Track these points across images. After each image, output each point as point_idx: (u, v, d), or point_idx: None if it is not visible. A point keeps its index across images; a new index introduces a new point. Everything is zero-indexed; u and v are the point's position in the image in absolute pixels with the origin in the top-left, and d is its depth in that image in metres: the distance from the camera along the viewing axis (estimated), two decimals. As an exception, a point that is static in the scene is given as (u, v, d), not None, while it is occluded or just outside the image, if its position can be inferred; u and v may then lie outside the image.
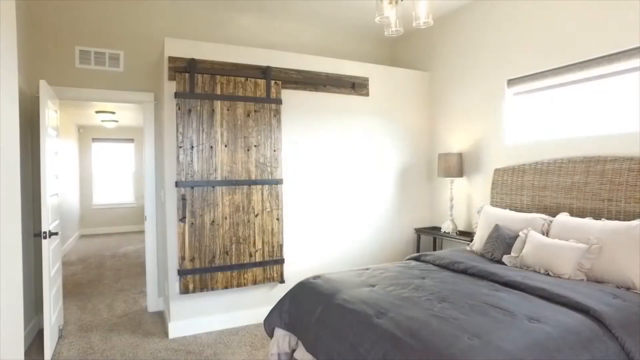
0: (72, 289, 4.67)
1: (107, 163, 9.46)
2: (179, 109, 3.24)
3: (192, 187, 3.27)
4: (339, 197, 4.04)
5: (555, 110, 3.36)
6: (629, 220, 2.57)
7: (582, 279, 2.42)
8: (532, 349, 1.60)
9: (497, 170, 3.66)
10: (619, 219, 2.68)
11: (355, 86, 4.07)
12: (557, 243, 2.58)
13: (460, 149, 4.19)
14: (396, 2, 2.50)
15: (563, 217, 2.83)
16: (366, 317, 1.95)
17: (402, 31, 2.60)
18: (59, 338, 3.27)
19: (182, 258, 3.24)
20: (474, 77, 4.01)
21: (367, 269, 2.80)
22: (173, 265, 3.32)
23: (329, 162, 3.99)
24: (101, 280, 5.09)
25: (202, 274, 3.30)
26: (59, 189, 3.61)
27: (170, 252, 3.32)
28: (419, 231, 4.33)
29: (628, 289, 2.26)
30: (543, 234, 2.84)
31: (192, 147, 3.28)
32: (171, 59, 3.28)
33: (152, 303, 3.95)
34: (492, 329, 1.73)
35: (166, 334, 3.36)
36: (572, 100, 3.24)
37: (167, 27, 3.98)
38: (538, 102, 3.49)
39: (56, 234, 3.09)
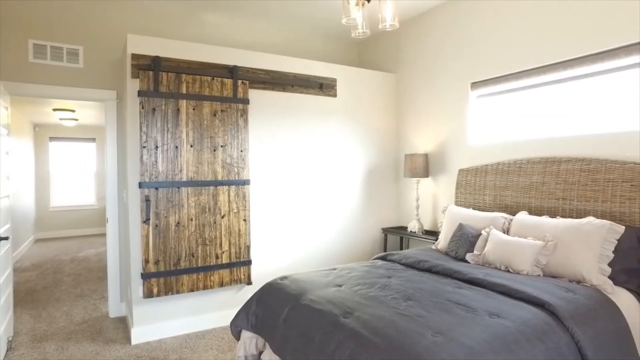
0: (25, 297, 4.43)
1: (66, 163, 9.05)
2: (142, 108, 3.14)
3: (157, 188, 3.19)
4: (307, 197, 4.04)
5: (515, 113, 3.49)
6: (581, 218, 2.70)
7: (539, 274, 2.52)
8: (492, 343, 1.66)
9: (461, 171, 3.77)
10: (572, 217, 2.82)
11: (323, 87, 4.09)
12: (516, 241, 2.68)
13: (426, 150, 4.28)
14: (363, 5, 2.53)
15: (522, 216, 2.94)
16: (333, 317, 1.96)
17: (369, 33, 2.63)
18: (7, 350, 3.06)
19: (146, 261, 3.14)
20: (439, 80, 4.11)
21: (335, 269, 2.81)
22: (136, 268, 3.22)
23: (297, 162, 3.98)
24: (58, 287, 4.86)
25: (167, 277, 3.22)
26: (10, 191, 3.42)
27: (134, 255, 3.22)
28: (386, 231, 4.40)
29: (579, 282, 2.38)
30: (504, 232, 2.95)
31: (157, 147, 3.20)
32: (134, 56, 3.18)
33: (114, 308, 3.81)
34: (455, 325, 1.78)
35: (129, 340, 3.25)
36: (530, 104, 3.38)
37: (131, 23, 3.86)
38: (500, 104, 3.62)
39: (6, 238, 2.93)
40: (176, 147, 3.28)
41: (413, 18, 4.39)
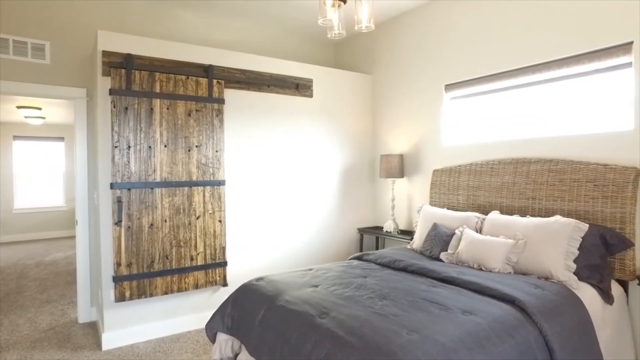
0: (-15, 304, 4.23)
1: (33, 163, 8.71)
2: (114, 107, 3.06)
3: (129, 189, 3.11)
4: (283, 197, 4.03)
5: (487, 115, 3.58)
6: (549, 216, 2.80)
7: (510, 272, 2.59)
8: (465, 339, 1.69)
9: (435, 171, 3.84)
10: (541, 216, 2.92)
11: (299, 87, 4.09)
12: (488, 239, 2.75)
13: (401, 151, 4.34)
14: (339, 6, 2.54)
15: (494, 215, 3.02)
16: (309, 318, 1.96)
17: (345, 34, 2.65)
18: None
19: (118, 264, 3.06)
20: (414, 81, 4.18)
21: (311, 269, 2.81)
22: (108, 271, 3.13)
23: (273, 162, 3.96)
24: (22, 292, 4.65)
25: (139, 279, 3.15)
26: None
27: (105, 258, 3.13)
28: (362, 231, 4.43)
29: (547, 278, 2.46)
30: (477, 231, 3.02)
31: (129, 147, 3.12)
32: (105, 54, 3.10)
33: (84, 313, 3.69)
34: (429, 323, 1.81)
35: (99, 345, 3.16)
36: (502, 106, 3.47)
37: (101, 19, 3.75)
38: (473, 106, 3.71)
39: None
40: (149, 147, 3.21)
41: (389, 20, 4.44)
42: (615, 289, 2.52)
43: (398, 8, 4.16)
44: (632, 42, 2.64)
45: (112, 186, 3.05)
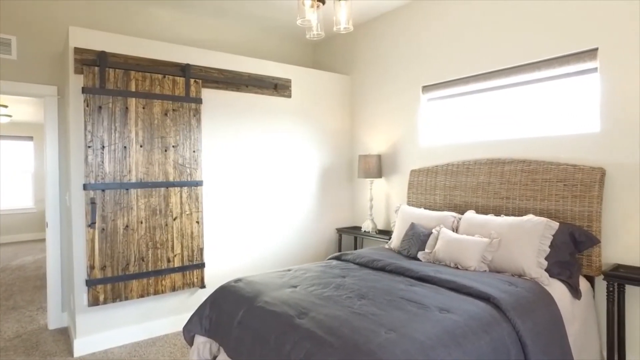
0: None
1: None
2: (87, 106, 2.98)
3: (103, 190, 3.03)
4: (262, 198, 4.01)
5: (463, 116, 3.66)
6: (522, 215, 2.88)
7: (485, 270, 2.66)
8: (442, 337, 1.73)
9: (412, 171, 3.89)
10: (515, 215, 3.00)
11: (278, 87, 4.07)
12: (464, 238, 2.81)
13: (379, 151, 4.39)
14: (318, 6, 2.55)
15: (470, 215, 3.09)
16: (288, 318, 1.95)
17: (324, 35, 2.66)
18: None
19: (91, 267, 2.98)
20: (392, 82, 4.23)
21: (290, 270, 2.81)
22: (80, 275, 3.04)
23: (251, 163, 3.94)
24: (-12, 298, 4.48)
25: (114, 282, 3.07)
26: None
27: (77, 261, 3.04)
28: (341, 231, 4.45)
29: (520, 276, 2.54)
30: (453, 231, 3.08)
31: (103, 146, 3.04)
32: (78, 51, 3.01)
33: (55, 319, 3.56)
34: (407, 322, 1.83)
35: (71, 352, 3.06)
36: (478, 108, 3.55)
37: (73, 14, 3.64)
38: (449, 108, 3.78)
39: None
40: (124, 147, 3.13)
41: (367, 21, 4.48)
42: (583, 284, 2.62)
43: (376, 10, 4.20)
44: (597, 49, 2.75)
45: (85, 187, 2.97)
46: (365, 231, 4.18)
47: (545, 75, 3.04)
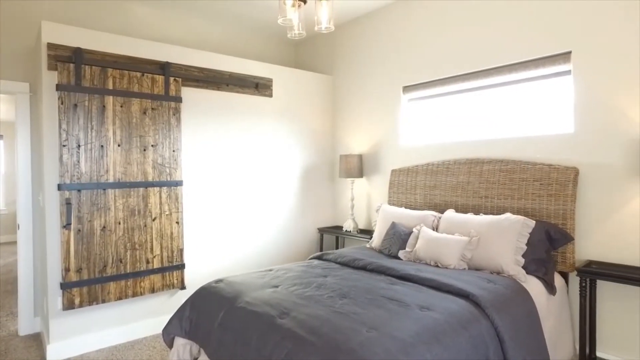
0: None
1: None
2: (62, 104, 2.90)
3: (79, 190, 2.96)
4: (243, 198, 3.98)
5: (443, 116, 3.71)
6: (500, 214, 2.95)
7: (465, 268, 2.70)
8: (422, 334, 1.75)
9: (393, 171, 3.93)
10: (493, 214, 3.06)
11: (259, 87, 4.05)
12: (444, 237, 2.85)
13: (360, 151, 4.41)
14: (299, 6, 2.54)
15: (449, 213, 3.13)
16: (269, 318, 1.94)
17: (305, 34, 2.65)
18: None
19: (67, 269, 2.90)
20: (373, 83, 4.25)
21: (271, 270, 2.80)
22: (55, 278, 2.95)
23: (232, 162, 3.90)
24: (-43, 303, 4.29)
25: (91, 285, 3.00)
26: None
27: (52, 264, 2.95)
28: (322, 230, 4.46)
29: (498, 273, 2.59)
30: (433, 230, 3.12)
31: (79, 145, 2.96)
32: (51, 46, 2.92)
33: (26, 325, 3.42)
34: (388, 320, 1.85)
35: (43, 358, 2.97)
36: (457, 108, 3.61)
37: (46, 9, 3.53)
38: (429, 108, 3.83)
39: None
40: (102, 146, 3.06)
41: (349, 21, 4.49)
42: (558, 280, 2.69)
43: (358, 10, 4.22)
44: (570, 52, 2.83)
45: (60, 187, 2.88)
46: (346, 231, 4.20)
47: (521, 77, 3.11)
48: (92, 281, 3.00)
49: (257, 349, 1.84)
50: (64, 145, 2.90)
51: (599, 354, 2.71)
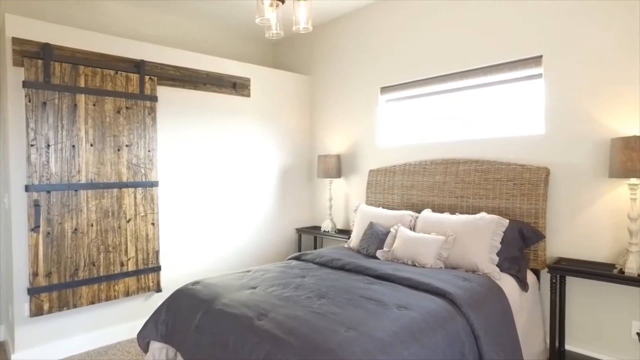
0: None
1: None
2: (29, 101, 2.79)
3: (49, 192, 2.86)
4: (220, 198, 3.93)
5: (420, 117, 3.76)
6: (475, 213, 3.01)
7: (441, 267, 2.74)
8: (400, 333, 1.76)
9: (371, 171, 3.95)
10: (469, 213, 3.12)
11: (237, 86, 4.01)
12: (421, 237, 2.89)
13: (338, 151, 4.42)
14: (277, 5, 2.53)
15: (426, 213, 3.18)
16: (247, 320, 1.93)
17: (283, 34, 2.64)
18: None
19: (35, 274, 2.80)
20: (351, 83, 4.27)
21: (249, 271, 2.77)
22: (21, 283, 2.83)
23: (209, 163, 3.85)
24: None
25: (61, 290, 2.90)
26: None
27: (18, 269, 2.83)
28: (300, 231, 4.45)
29: (474, 271, 2.64)
30: (410, 229, 3.15)
31: (49, 145, 2.86)
32: (17, 41, 2.81)
33: (-6, 330, 3.31)
34: (366, 320, 1.86)
35: (11, 365, 2.86)
36: (434, 109, 3.66)
37: (11, 2, 3.40)
38: (407, 109, 3.87)
39: None
40: (73, 146, 2.97)
41: (327, 22, 4.50)
42: (530, 277, 2.77)
43: (336, 11, 4.23)
44: (541, 56, 2.92)
45: (27, 188, 2.78)
46: (324, 231, 4.20)
47: (496, 79, 3.19)
48: (62, 285, 2.90)
49: (235, 351, 1.82)
50: (31, 145, 2.80)
51: (567, 346, 2.80)
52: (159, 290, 3.40)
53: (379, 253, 3.08)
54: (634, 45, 2.54)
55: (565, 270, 2.56)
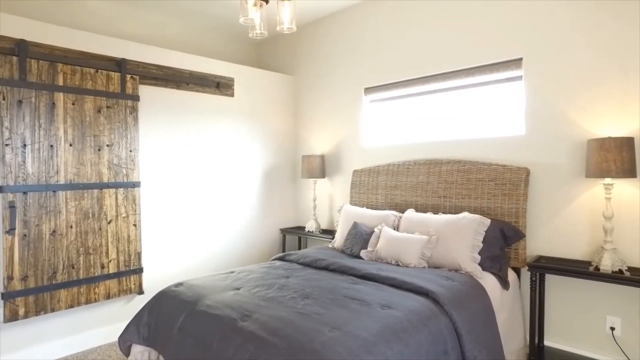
0: None
1: None
2: (3, 99, 2.72)
3: (25, 193, 2.78)
4: (204, 199, 3.89)
5: (404, 118, 3.80)
6: (458, 213, 3.05)
7: (425, 266, 2.77)
8: (384, 332, 1.78)
9: (355, 172, 3.97)
10: (451, 213, 3.16)
11: (220, 86, 3.98)
12: (404, 236, 2.91)
13: (322, 151, 4.43)
14: (261, 5, 2.52)
15: (410, 213, 3.21)
16: (231, 321, 1.91)
17: (267, 34, 2.63)
18: None
19: (10, 278, 2.72)
20: (335, 84, 4.28)
21: (232, 272, 2.75)
22: (-2, 286, 2.76)
23: (193, 163, 3.81)
24: None
25: (38, 294, 2.83)
26: None
27: (-5, 271, 2.76)
28: (284, 231, 4.44)
29: (456, 270, 2.68)
30: (394, 229, 3.18)
31: (25, 145, 2.79)
32: (-7, 39, 2.73)
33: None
34: (350, 319, 1.86)
35: (-14, 372, 2.78)
36: (417, 110, 3.70)
37: (-11, 1, 3.30)
38: (390, 109, 3.90)
39: None
40: (51, 145, 2.90)
41: (311, 22, 4.50)
42: (511, 275, 2.82)
43: (320, 11, 4.23)
44: (521, 59, 2.98)
45: (1, 189, 2.70)
46: (309, 231, 4.20)
47: (478, 80, 3.24)
48: (39, 289, 2.83)
49: (219, 352, 1.81)
50: (6, 144, 2.72)
51: (546, 342, 2.87)
52: (141, 292, 3.35)
53: (363, 253, 3.10)
54: (608, 49, 2.61)
55: (544, 268, 2.62)
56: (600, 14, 2.64)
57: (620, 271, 2.40)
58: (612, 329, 2.61)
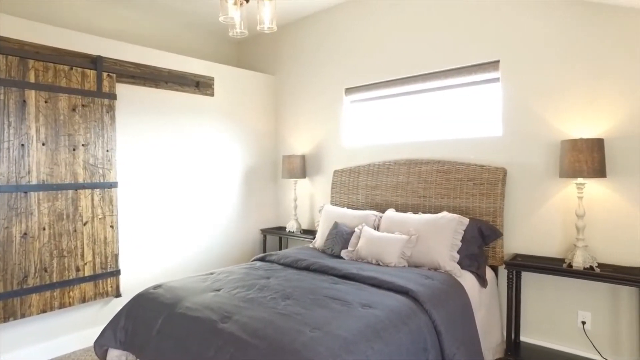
0: None
1: None
2: (-27, 97, 2.62)
3: (-5, 193, 2.68)
4: (183, 199, 3.83)
5: (384, 118, 3.83)
6: (437, 212, 3.09)
7: (405, 265, 2.80)
8: (364, 331, 1.79)
9: (336, 172, 3.98)
10: (431, 212, 3.21)
11: (200, 85, 3.93)
12: (384, 236, 2.94)
13: (303, 151, 4.42)
14: (241, 4, 2.49)
15: (390, 213, 3.23)
16: (210, 323, 1.89)
17: (247, 33, 2.61)
18: None
19: (-20, 281, 2.62)
20: (316, 84, 4.28)
21: (212, 273, 2.72)
22: (-34, 291, 2.66)
23: (172, 163, 3.75)
24: None
25: (7, 299, 2.72)
26: None
27: (-38, 275, 2.65)
28: (265, 232, 4.42)
29: (436, 269, 2.71)
30: (374, 229, 3.20)
31: (-5, 144, 2.69)
32: (-39, 34, 2.63)
33: None
34: (331, 319, 1.87)
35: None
36: (397, 110, 3.74)
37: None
38: (371, 110, 3.93)
39: None
40: (22, 145, 2.80)
41: (292, 22, 4.49)
42: (488, 273, 2.88)
43: (301, 11, 4.23)
44: (498, 61, 3.05)
45: (-28, 190, 2.60)
46: (289, 231, 4.19)
47: (457, 82, 3.29)
48: (8, 294, 2.73)
49: (199, 355, 1.78)
50: (-23, 144, 2.62)
51: (522, 338, 2.94)
52: (118, 295, 3.28)
53: (343, 253, 3.10)
54: (579, 54, 2.70)
55: (520, 266, 2.68)
56: (571, 21, 2.73)
57: (592, 267, 2.48)
58: (583, 323, 2.69)
